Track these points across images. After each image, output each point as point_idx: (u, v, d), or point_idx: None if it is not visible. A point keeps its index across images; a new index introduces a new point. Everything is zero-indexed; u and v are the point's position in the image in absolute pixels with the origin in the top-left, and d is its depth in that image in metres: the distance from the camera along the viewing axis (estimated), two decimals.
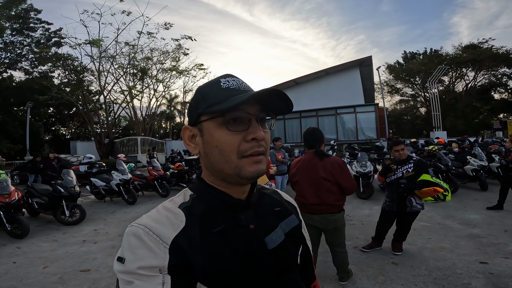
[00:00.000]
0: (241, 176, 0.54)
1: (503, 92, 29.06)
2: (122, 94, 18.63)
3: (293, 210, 0.71)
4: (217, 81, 0.57)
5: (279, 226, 0.63)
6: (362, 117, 16.07)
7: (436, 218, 4.79)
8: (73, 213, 5.58)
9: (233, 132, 0.53)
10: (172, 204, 0.58)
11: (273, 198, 0.69)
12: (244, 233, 0.56)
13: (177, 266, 0.49)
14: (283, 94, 0.54)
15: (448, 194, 2.91)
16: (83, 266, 3.37)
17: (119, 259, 0.50)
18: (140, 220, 0.53)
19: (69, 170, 6.24)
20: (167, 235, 0.51)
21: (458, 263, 3.00)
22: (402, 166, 3.26)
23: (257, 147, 0.54)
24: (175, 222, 0.53)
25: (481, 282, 2.59)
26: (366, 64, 17.73)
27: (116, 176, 7.28)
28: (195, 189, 0.61)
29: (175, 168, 9.01)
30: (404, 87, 32.61)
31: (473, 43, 26.85)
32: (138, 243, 0.49)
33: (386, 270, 2.95)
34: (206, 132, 0.56)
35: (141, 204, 7.05)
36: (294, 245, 0.65)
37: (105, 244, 4.17)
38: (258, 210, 0.61)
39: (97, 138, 16.13)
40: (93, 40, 14.31)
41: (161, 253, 0.49)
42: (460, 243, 3.58)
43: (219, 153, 0.54)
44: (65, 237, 4.62)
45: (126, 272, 0.48)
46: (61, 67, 15.99)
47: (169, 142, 21.40)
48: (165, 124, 35.60)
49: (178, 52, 18.13)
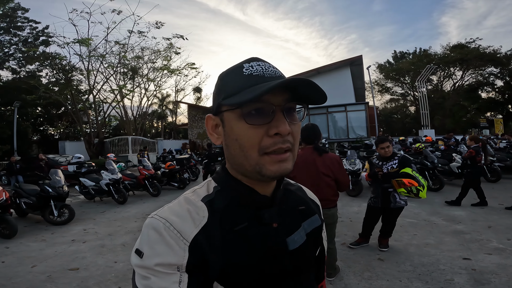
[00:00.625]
0: (262, 174, 0.50)
1: (490, 91, 29.80)
2: (112, 93, 18.41)
3: (317, 210, 0.67)
4: (239, 66, 0.52)
5: (302, 226, 0.59)
6: (352, 116, 16.26)
7: (422, 214, 4.91)
8: (61, 213, 5.54)
9: (253, 126, 0.48)
10: (195, 196, 0.55)
11: (297, 196, 0.65)
12: (267, 232, 0.53)
13: (195, 265, 0.47)
14: (313, 84, 0.47)
15: (422, 190, 2.98)
16: (72, 265, 3.39)
17: (137, 251, 0.48)
18: (162, 213, 0.51)
19: (57, 170, 6.17)
20: (188, 232, 0.48)
21: (441, 259, 3.08)
22: (387, 162, 3.35)
23: (281, 143, 0.48)
24: (196, 218, 0.50)
25: (463, 278, 2.65)
26: (357, 63, 17.93)
27: (106, 176, 7.21)
28: (219, 181, 0.57)
29: (166, 168, 8.97)
30: (394, 86, 33.12)
31: (461, 42, 27.44)
32: (158, 238, 0.47)
33: (373, 266, 3.01)
34: (227, 123, 0.52)
35: (132, 204, 7.01)
36: (313, 247, 0.62)
37: (95, 243, 4.17)
38: (282, 208, 0.58)
39: (86, 138, 15.91)
40: (82, 39, 14.10)
41: (180, 250, 0.47)
42: (445, 239, 3.67)
43: (239, 148, 0.50)
44: (53, 237, 4.62)
45: (144, 267, 0.47)
46: (49, 66, 15.70)
47: (161, 142, 21.25)
48: (157, 124, 35.27)
49: (170, 51, 18.02)
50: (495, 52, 25.63)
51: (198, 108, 24.01)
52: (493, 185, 7.19)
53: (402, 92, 33.24)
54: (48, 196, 5.48)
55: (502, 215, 4.63)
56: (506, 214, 4.66)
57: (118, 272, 3.16)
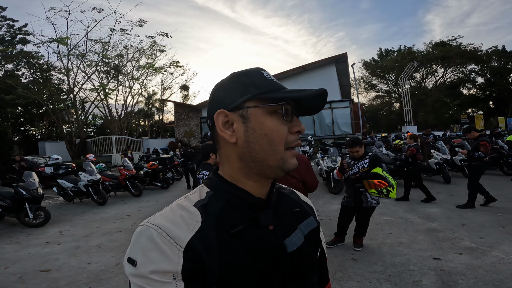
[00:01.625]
0: (283, 168, 0.53)
1: (471, 88, 30.67)
2: (94, 92, 17.94)
3: (311, 212, 0.67)
4: (257, 70, 0.57)
5: (299, 228, 0.60)
6: (338, 113, 16.42)
7: (399, 212, 4.98)
8: (37, 215, 5.47)
9: (285, 122, 0.53)
10: (187, 201, 0.54)
11: (291, 198, 0.66)
12: (263, 234, 0.53)
13: (191, 271, 0.46)
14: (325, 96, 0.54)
15: (392, 191, 3.02)
16: (44, 266, 3.42)
17: (130, 260, 0.47)
18: (153, 220, 0.50)
19: (30, 172, 6.02)
20: (182, 237, 0.47)
21: (412, 259, 3.11)
22: (358, 161, 3.39)
23: (299, 140, 0.55)
24: (190, 222, 0.50)
25: (431, 279, 2.67)
26: (342, 60, 18.06)
27: (84, 177, 7.05)
28: (211, 186, 0.57)
29: (148, 167, 8.82)
30: (379, 83, 33.60)
31: (443, 40, 28.02)
32: (151, 245, 0.47)
33: (345, 266, 3.03)
34: (254, 119, 0.52)
35: (112, 205, 6.88)
36: (313, 248, 0.62)
37: (69, 245, 4.14)
38: (278, 210, 0.58)
39: (67, 138, 15.47)
40: (59, 38, 13.66)
41: (174, 257, 0.46)
42: (418, 238, 3.73)
43: (268, 142, 0.52)
44: (28, 239, 4.59)
45: (138, 276, 0.46)
46: (26, 66, 15.14)
47: (146, 141, 20.89)
48: (144, 122, 34.65)
49: (154, 49, 17.67)
50: (476, 50, 26.33)
51: (185, 106, 23.71)
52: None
53: (387, 89, 33.80)
54: (22, 199, 5.40)
55: (476, 212, 4.74)
56: (480, 211, 4.77)
57: (90, 273, 3.15)
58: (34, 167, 10.63)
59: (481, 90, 30.15)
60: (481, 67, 27.92)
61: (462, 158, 7.82)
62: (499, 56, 27.19)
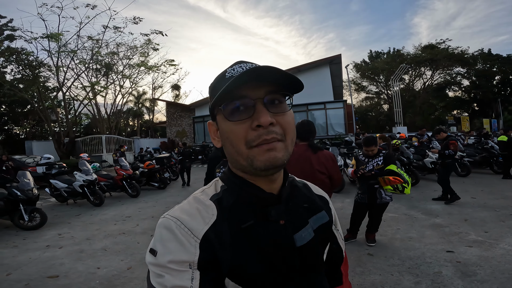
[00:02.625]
0: (254, 167, 0.51)
1: (457, 90, 31.60)
2: (83, 91, 17.47)
3: (324, 206, 0.67)
4: (223, 71, 0.55)
5: (309, 223, 0.60)
6: (331, 113, 16.62)
7: (402, 209, 5.08)
8: (32, 217, 5.21)
9: (236, 122, 0.50)
10: (204, 195, 0.56)
11: (303, 192, 0.65)
12: (274, 229, 0.54)
13: (207, 261, 0.48)
14: (277, 70, 0.48)
15: (407, 187, 3.08)
16: (50, 272, 3.21)
17: (151, 251, 0.50)
18: (173, 212, 0.53)
19: (25, 171, 5.76)
20: (199, 229, 0.50)
21: (426, 252, 3.19)
22: (373, 159, 3.44)
23: (264, 135, 0.49)
24: (206, 216, 0.52)
25: (450, 270, 2.75)
26: (336, 62, 18.29)
27: (79, 177, 6.84)
28: (225, 180, 0.59)
29: (145, 167, 8.66)
30: (369, 85, 34.21)
31: (432, 43, 28.74)
32: (170, 236, 0.49)
33: (363, 261, 3.06)
34: (219, 125, 0.55)
35: (109, 206, 6.69)
36: (322, 244, 0.62)
37: (72, 249, 3.95)
38: (289, 205, 0.58)
39: (55, 138, 14.99)
40: (51, 34, 13.23)
41: (191, 247, 0.48)
42: (426, 233, 3.81)
43: (230, 145, 0.53)
44: (26, 243, 4.36)
45: (157, 265, 0.48)
46: (14, 62, 14.58)
47: (137, 141, 20.52)
48: (133, 122, 34.03)
49: (147, 47, 17.40)
50: (463, 53, 27.06)
51: (177, 106, 23.43)
52: (464, 179, 7.61)
53: (376, 91, 34.44)
54: (16, 200, 5.15)
55: (475, 208, 4.89)
56: (479, 207, 4.92)
57: (102, 279, 2.97)
58: (23, 167, 10.24)
59: (466, 92, 31.14)
60: (467, 70, 28.76)
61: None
62: (485, 59, 28.11)
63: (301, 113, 16.93)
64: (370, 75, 32.11)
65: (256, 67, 0.48)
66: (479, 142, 9.79)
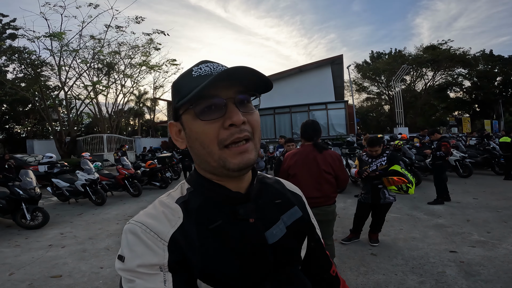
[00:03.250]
0: (227, 168, 0.51)
1: (458, 91, 31.54)
2: (85, 90, 17.49)
3: (297, 201, 0.67)
4: (189, 70, 0.54)
5: (281, 219, 0.59)
6: (333, 114, 16.61)
7: (404, 209, 5.08)
8: (34, 216, 5.20)
9: (208, 122, 0.50)
10: (169, 198, 0.56)
11: (274, 188, 0.65)
12: (243, 227, 0.53)
13: (177, 263, 0.48)
14: (252, 71, 0.48)
15: (411, 187, 3.09)
16: (53, 272, 3.19)
17: (119, 257, 0.49)
18: (137, 217, 0.52)
19: (27, 170, 5.75)
20: (165, 232, 0.49)
21: (430, 252, 3.19)
22: (376, 159, 3.44)
23: (237, 133, 0.50)
24: (172, 218, 0.51)
25: (454, 270, 2.76)
26: (337, 62, 18.30)
27: (82, 176, 6.83)
28: (192, 182, 0.58)
29: (147, 166, 8.66)
30: (371, 85, 34.17)
31: (433, 44, 28.57)
32: (136, 241, 0.48)
33: (367, 261, 3.06)
34: (186, 125, 0.53)
35: (111, 205, 6.70)
36: (296, 238, 0.61)
37: (75, 248, 3.94)
38: (259, 202, 0.57)
39: (57, 137, 15.02)
40: (54, 33, 13.26)
41: (160, 250, 0.48)
42: (429, 233, 3.81)
43: (200, 146, 0.52)
44: (28, 242, 4.34)
45: (127, 270, 0.47)
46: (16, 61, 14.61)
47: (139, 140, 20.52)
48: (134, 121, 34.04)
49: (149, 46, 17.44)
50: (464, 54, 26.89)
51: None
52: (465, 180, 7.62)
53: (377, 91, 34.40)
54: (19, 199, 5.13)
55: (477, 209, 4.88)
56: (481, 208, 4.92)
57: (106, 279, 2.97)
58: (24, 166, 10.25)
59: (467, 93, 31.09)
60: (469, 71, 28.65)
61: (456, 159, 8.08)
62: (486, 60, 28.04)
63: (303, 113, 16.95)
64: (372, 75, 32.06)
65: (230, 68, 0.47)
66: (480, 143, 9.79)
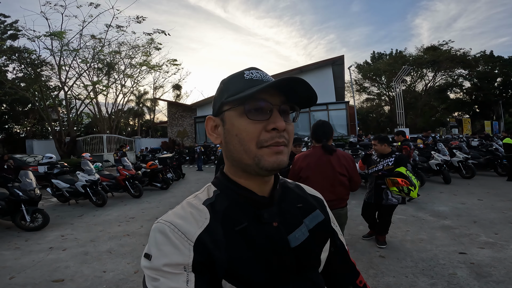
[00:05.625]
0: (260, 166, 0.53)
1: (458, 92, 31.52)
2: (85, 90, 17.42)
3: (318, 205, 0.69)
4: (241, 73, 0.57)
5: (303, 223, 0.61)
6: (334, 115, 16.56)
7: (409, 210, 5.02)
8: (34, 218, 5.12)
9: (253, 121, 0.52)
10: (197, 200, 0.57)
11: (295, 193, 0.67)
12: (267, 230, 0.55)
13: (201, 264, 0.49)
14: (305, 83, 0.52)
15: (413, 190, 3.02)
16: (55, 276, 3.11)
17: (146, 255, 0.51)
18: (166, 217, 0.54)
19: (27, 171, 5.67)
20: (192, 232, 0.51)
21: (439, 254, 3.14)
22: (384, 159, 3.40)
23: (277, 138, 0.52)
24: (199, 219, 0.53)
25: (465, 271, 2.72)
26: (338, 63, 18.25)
27: (82, 177, 6.76)
28: (218, 185, 0.60)
29: (148, 167, 8.59)
30: (371, 86, 34.15)
31: (434, 44, 28.53)
32: (164, 240, 0.50)
33: (375, 263, 3.01)
34: (228, 121, 0.55)
35: (112, 206, 6.62)
36: (318, 242, 0.63)
37: (76, 251, 3.85)
38: (282, 206, 0.60)
39: (56, 137, 14.93)
40: (55, 32, 13.20)
41: (185, 250, 0.49)
42: (436, 235, 3.76)
43: (239, 142, 0.53)
44: (28, 244, 4.26)
45: (152, 269, 0.49)
46: (16, 61, 14.54)
47: (139, 140, 20.45)
48: (133, 122, 33.96)
49: (150, 46, 17.39)
50: (465, 55, 26.89)
51: (178, 106, 23.38)
52: (469, 181, 7.58)
53: (377, 92, 34.38)
54: (18, 200, 5.04)
55: (483, 210, 4.84)
56: (486, 209, 4.87)
57: (109, 283, 2.89)
58: (24, 166, 10.16)
59: (467, 94, 31.07)
60: (469, 72, 28.63)
61: (460, 160, 8.04)
62: (487, 61, 28.02)
63: (303, 114, 16.90)
64: (372, 76, 32.05)
65: (286, 79, 0.50)
66: (483, 144, 9.75)
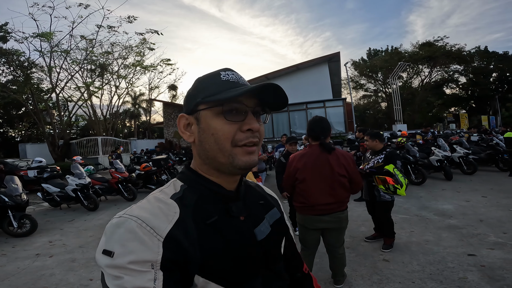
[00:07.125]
0: (234, 165, 0.54)
1: (454, 88, 31.52)
2: (78, 91, 17.13)
3: (275, 203, 0.72)
4: (217, 73, 0.57)
5: (265, 218, 0.64)
6: (331, 112, 16.36)
7: (413, 209, 4.84)
8: (22, 224, 4.95)
9: (230, 122, 0.53)
10: (163, 194, 0.56)
11: (256, 191, 0.70)
12: (236, 224, 0.56)
13: (171, 261, 0.47)
14: (280, 89, 0.54)
15: (400, 189, 2.87)
16: (39, 284, 2.97)
17: (106, 252, 0.46)
18: (131, 211, 0.51)
19: (12, 176, 5.47)
20: (162, 228, 0.49)
21: (447, 256, 2.96)
22: (375, 156, 3.30)
23: (251, 138, 0.55)
24: (168, 214, 0.51)
25: (476, 275, 2.53)
26: (334, 60, 18.09)
27: (72, 181, 6.53)
28: (185, 180, 0.59)
29: (141, 169, 8.36)
30: (367, 82, 34.04)
31: (429, 40, 28.44)
32: (129, 236, 0.47)
33: (379, 268, 2.81)
34: (203, 120, 0.56)
35: (104, 210, 6.41)
36: (278, 237, 0.66)
37: (63, 258, 3.68)
38: (246, 202, 0.62)
39: (49, 140, 14.66)
40: (43, 33, 12.92)
41: (154, 246, 0.46)
42: (443, 235, 3.58)
43: (214, 141, 0.54)
44: (15, 251, 4.11)
45: (115, 267, 0.45)
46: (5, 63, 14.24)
47: (135, 142, 20.21)
48: (130, 123, 33.64)
49: (143, 46, 17.11)
50: (460, 50, 26.92)
51: (175, 106, 23.14)
52: (471, 177, 7.41)
53: (374, 89, 34.28)
54: (4, 206, 4.85)
55: (488, 208, 4.66)
56: (492, 207, 4.69)
57: None
58: (15, 171, 9.92)
59: (463, 90, 31.06)
60: (464, 67, 28.64)
61: (460, 155, 7.88)
62: (482, 56, 28.02)
63: (300, 112, 16.72)
64: (368, 73, 31.93)
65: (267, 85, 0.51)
66: (482, 139, 9.60)
